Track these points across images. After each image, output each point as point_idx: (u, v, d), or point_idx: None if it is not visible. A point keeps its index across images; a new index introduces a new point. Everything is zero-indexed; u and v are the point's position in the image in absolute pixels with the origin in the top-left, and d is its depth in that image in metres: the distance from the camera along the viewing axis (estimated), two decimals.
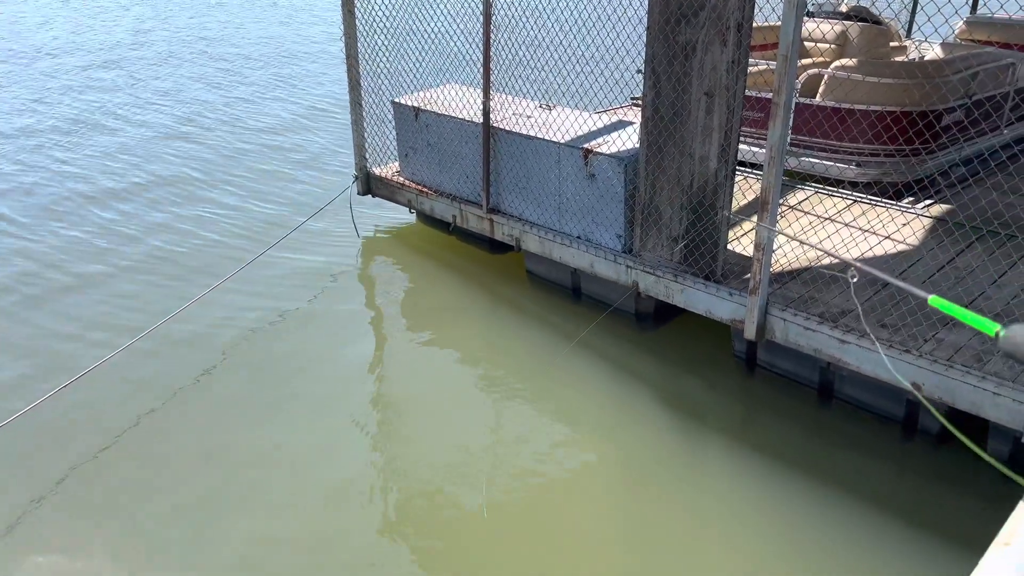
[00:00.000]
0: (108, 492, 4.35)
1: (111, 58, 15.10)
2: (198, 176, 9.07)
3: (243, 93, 12.78)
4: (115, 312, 6.14)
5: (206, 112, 11.66)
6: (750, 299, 4.93)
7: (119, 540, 4.04)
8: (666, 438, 4.77)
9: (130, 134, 10.56)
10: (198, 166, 9.39)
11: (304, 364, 5.52)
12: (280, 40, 16.85)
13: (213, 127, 10.95)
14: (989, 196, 6.24)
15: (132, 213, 8.00)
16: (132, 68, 14.37)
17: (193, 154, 9.82)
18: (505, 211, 6.49)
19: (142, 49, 15.77)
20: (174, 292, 6.38)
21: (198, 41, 16.51)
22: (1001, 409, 4.13)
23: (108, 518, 4.17)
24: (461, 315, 6.16)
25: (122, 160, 9.55)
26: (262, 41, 16.70)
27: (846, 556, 3.92)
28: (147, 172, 9.16)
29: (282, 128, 10.97)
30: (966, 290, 5.03)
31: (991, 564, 0.97)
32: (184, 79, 13.63)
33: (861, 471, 4.46)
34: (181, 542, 4.02)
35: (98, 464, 4.56)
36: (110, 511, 4.22)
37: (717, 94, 4.88)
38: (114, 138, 10.38)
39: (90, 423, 4.88)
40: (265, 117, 11.48)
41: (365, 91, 7.22)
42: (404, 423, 4.97)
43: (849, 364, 4.66)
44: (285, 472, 4.51)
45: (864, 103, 6.46)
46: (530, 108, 6.60)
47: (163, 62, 14.82)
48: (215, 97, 12.51)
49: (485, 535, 4.09)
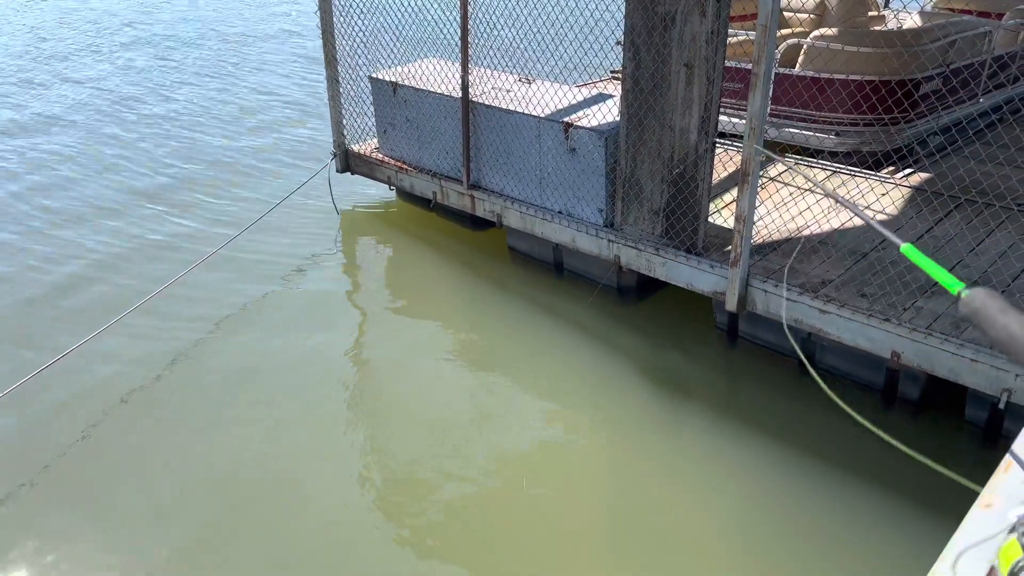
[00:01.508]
0: (91, 481, 4.32)
1: (77, 42, 14.80)
2: (170, 156, 8.94)
3: (214, 68, 12.58)
4: (96, 295, 6.07)
5: (176, 90, 11.47)
6: (731, 271, 4.95)
7: (103, 531, 4.02)
8: (649, 410, 4.80)
9: (97, 115, 10.38)
10: (169, 145, 9.25)
11: (284, 343, 5.48)
12: (252, 19, 16.59)
13: (186, 106, 10.78)
14: (967, 164, 6.28)
15: (99, 195, 7.88)
16: (99, 49, 14.09)
17: (166, 134, 9.66)
18: (486, 187, 6.45)
19: (110, 35, 15.46)
20: (150, 274, 6.30)
21: (160, 23, 16.20)
22: (979, 375, 4.19)
23: (92, 506, 4.15)
24: (443, 293, 6.14)
25: (95, 142, 9.40)
26: (236, 19, 16.42)
27: (827, 521, 3.97)
28: (116, 155, 9.02)
29: (258, 105, 10.81)
30: (944, 258, 5.07)
31: (973, 525, 0.98)
32: (152, 59, 13.40)
33: (842, 439, 4.51)
34: (154, 525, 4.01)
35: (82, 448, 4.53)
36: (98, 499, 4.20)
37: (697, 65, 4.86)
38: (77, 117, 10.21)
39: (68, 412, 4.84)
40: (240, 94, 11.31)
41: (342, 67, 7.13)
42: (387, 399, 4.96)
43: (830, 334, 4.69)
44: (264, 448, 4.49)
45: (843, 72, 6.46)
46: (509, 82, 6.54)
47: (134, 42, 14.55)
48: (187, 75, 12.30)
49: (471, 505, 4.10)
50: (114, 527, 4.00)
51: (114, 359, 5.27)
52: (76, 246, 6.82)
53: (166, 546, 3.88)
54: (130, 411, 4.82)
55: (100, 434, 4.63)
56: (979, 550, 0.92)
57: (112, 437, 4.61)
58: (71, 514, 4.08)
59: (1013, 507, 1.33)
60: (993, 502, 1.00)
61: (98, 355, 5.27)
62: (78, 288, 6.17)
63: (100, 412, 4.79)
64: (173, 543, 3.90)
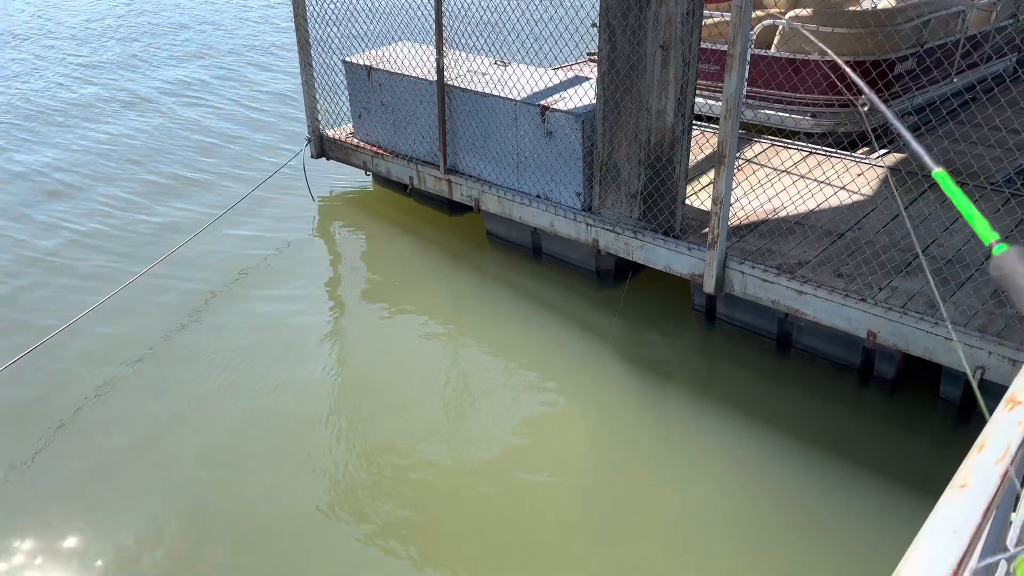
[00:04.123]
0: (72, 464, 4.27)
1: (58, 34, 14.50)
2: (140, 146, 8.79)
3: (186, 56, 12.38)
4: (57, 290, 5.97)
5: (146, 79, 11.28)
6: (708, 253, 4.96)
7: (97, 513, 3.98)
8: (629, 392, 4.81)
9: (74, 101, 10.19)
10: (141, 136, 9.10)
11: (260, 332, 5.43)
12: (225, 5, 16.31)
13: (156, 93, 10.60)
14: (941, 144, 6.32)
15: (79, 185, 7.74)
16: (64, 42, 13.82)
17: (135, 123, 9.50)
18: (463, 171, 6.40)
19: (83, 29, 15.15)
20: (126, 263, 6.21)
21: (138, 13, 15.91)
22: (952, 354, 4.23)
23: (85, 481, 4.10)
24: (421, 278, 6.11)
25: (70, 130, 9.22)
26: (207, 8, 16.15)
27: (804, 499, 4.01)
28: (89, 141, 8.86)
29: (230, 93, 10.66)
30: (920, 237, 5.11)
31: (948, 506, 0.98)
32: (119, 49, 13.15)
33: (819, 417, 4.55)
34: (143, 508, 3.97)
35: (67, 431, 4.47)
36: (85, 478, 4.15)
37: (672, 47, 4.84)
38: (60, 108, 10.01)
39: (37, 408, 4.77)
40: (212, 82, 11.14)
41: (315, 51, 7.03)
42: (364, 385, 4.94)
43: (807, 314, 4.72)
44: (245, 437, 4.46)
45: (818, 53, 6.47)
46: (485, 65, 6.48)
47: (106, 32, 14.27)
48: (157, 61, 12.09)
49: (448, 490, 4.10)
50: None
51: (85, 355, 5.19)
52: (26, 245, 6.69)
53: (143, 529, 3.84)
54: (101, 408, 4.76)
55: (80, 421, 4.57)
56: (954, 532, 0.92)
57: (92, 425, 4.55)
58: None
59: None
60: (968, 482, 1.00)
61: (68, 348, 5.19)
62: (35, 287, 6.06)
63: (79, 400, 4.73)
64: (150, 529, 3.86)
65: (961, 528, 0.92)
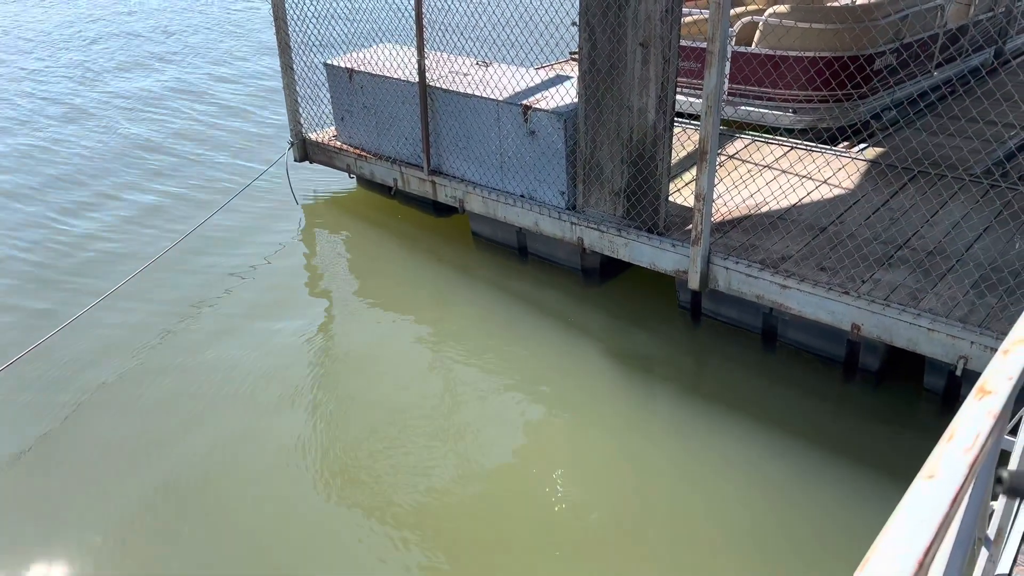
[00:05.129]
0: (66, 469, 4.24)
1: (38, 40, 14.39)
2: (122, 152, 8.74)
3: (170, 62, 12.31)
4: (45, 295, 5.93)
5: (125, 84, 11.21)
6: (692, 250, 4.97)
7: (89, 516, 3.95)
8: (616, 390, 4.82)
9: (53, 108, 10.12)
10: (121, 141, 9.05)
11: (245, 335, 5.41)
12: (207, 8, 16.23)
13: (134, 97, 10.54)
14: (920, 137, 6.37)
15: (56, 192, 7.70)
16: (54, 47, 13.72)
17: (116, 128, 9.45)
18: (447, 172, 6.40)
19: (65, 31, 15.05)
20: (106, 271, 6.17)
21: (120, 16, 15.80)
22: (935, 344, 4.27)
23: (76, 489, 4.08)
24: (407, 280, 6.10)
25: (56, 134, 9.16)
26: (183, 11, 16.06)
27: (791, 492, 4.03)
28: (72, 148, 8.80)
29: (213, 97, 10.61)
30: (900, 230, 5.15)
31: (916, 496, 0.99)
32: (102, 51, 13.07)
33: (804, 410, 4.58)
34: (142, 519, 3.95)
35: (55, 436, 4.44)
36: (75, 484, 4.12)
37: (652, 44, 4.85)
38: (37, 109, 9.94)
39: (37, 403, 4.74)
40: (199, 84, 11.09)
41: (296, 54, 7.01)
42: (350, 388, 4.93)
43: (791, 308, 4.75)
44: (234, 441, 4.44)
45: (797, 49, 6.50)
46: (467, 65, 6.48)
47: (88, 38, 14.17)
48: (138, 67, 12.03)
49: (434, 491, 4.10)
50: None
51: (72, 360, 5.16)
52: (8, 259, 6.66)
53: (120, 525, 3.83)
54: (80, 409, 4.73)
55: (71, 422, 4.54)
56: (921, 522, 0.93)
57: (78, 427, 4.52)
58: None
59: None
60: (936, 473, 1.01)
61: (55, 354, 5.15)
62: (21, 291, 6.02)
63: (66, 402, 4.70)
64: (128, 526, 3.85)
65: (928, 518, 0.93)
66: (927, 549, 0.88)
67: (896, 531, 0.90)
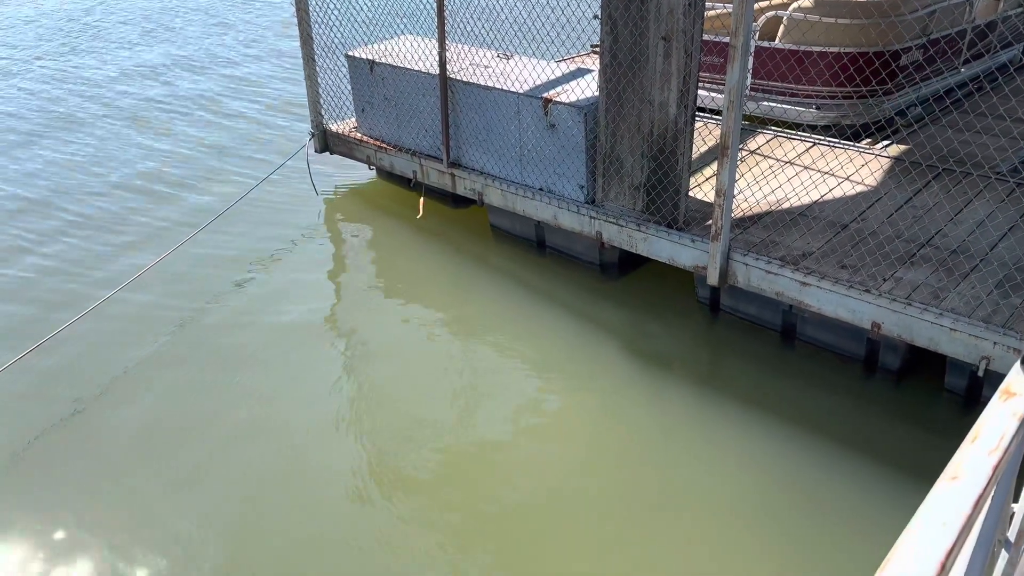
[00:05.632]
0: (85, 455, 4.30)
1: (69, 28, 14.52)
2: (144, 138, 8.82)
3: (191, 51, 12.39)
4: (78, 276, 6.00)
5: (150, 69, 11.30)
6: (712, 245, 4.95)
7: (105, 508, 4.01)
8: (633, 385, 4.81)
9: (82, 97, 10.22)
10: (143, 131, 9.13)
11: (267, 325, 5.45)
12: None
13: (158, 83, 10.62)
14: (945, 134, 6.29)
15: (79, 181, 7.78)
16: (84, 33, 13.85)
17: (139, 112, 9.53)
18: (466, 165, 6.40)
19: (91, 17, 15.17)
20: (126, 257, 6.23)
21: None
22: (957, 344, 4.22)
23: (91, 477, 4.13)
24: (426, 272, 6.11)
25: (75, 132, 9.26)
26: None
27: (809, 489, 4.01)
28: (89, 134, 8.89)
29: (236, 86, 10.67)
30: (923, 228, 5.09)
31: (939, 498, 0.98)
32: (127, 36, 13.18)
33: (823, 409, 4.55)
34: (167, 511, 4.00)
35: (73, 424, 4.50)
36: (91, 471, 4.18)
37: (675, 38, 4.82)
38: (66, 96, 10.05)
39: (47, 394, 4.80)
40: (218, 73, 11.15)
41: (318, 45, 7.03)
42: (370, 378, 4.95)
43: (811, 306, 4.71)
44: (258, 429, 4.48)
45: (822, 44, 6.43)
46: (488, 58, 6.47)
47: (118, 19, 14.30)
48: (160, 53, 12.11)
49: (455, 480, 4.11)
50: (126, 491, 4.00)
51: (95, 346, 5.23)
52: (50, 230, 6.73)
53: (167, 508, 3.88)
54: (108, 395, 4.79)
55: (100, 406, 4.60)
56: (944, 524, 0.92)
57: (104, 415, 4.59)
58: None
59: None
60: (959, 474, 1.00)
61: (81, 337, 5.22)
62: (58, 271, 6.10)
63: (95, 389, 4.76)
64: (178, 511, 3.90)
65: (951, 520, 0.92)
66: (949, 551, 0.87)
67: (918, 532, 0.89)
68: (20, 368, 4.86)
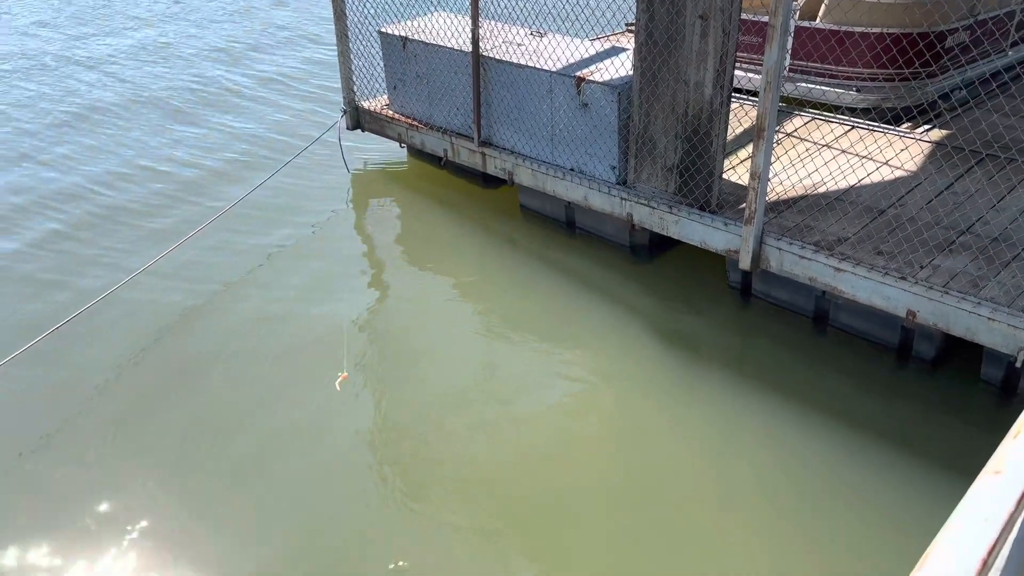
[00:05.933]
0: (111, 431, 4.39)
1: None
2: (176, 112, 8.89)
3: (229, 30, 12.44)
4: (84, 263, 6.09)
5: (182, 47, 11.37)
6: (745, 229, 4.88)
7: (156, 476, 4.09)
8: (663, 368, 4.78)
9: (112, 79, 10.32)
10: (178, 103, 9.20)
11: (296, 303, 5.49)
12: None
13: (190, 59, 10.69)
14: (989, 118, 6.12)
15: (110, 167, 7.87)
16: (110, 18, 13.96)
17: (176, 86, 9.60)
18: (497, 144, 6.36)
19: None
20: (155, 236, 6.31)
21: None
22: (995, 334, 4.13)
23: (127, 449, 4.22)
24: (455, 251, 6.11)
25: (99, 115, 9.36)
26: None
27: (840, 476, 3.96)
28: (124, 110, 8.98)
29: (269, 64, 10.71)
30: (963, 215, 4.97)
31: (981, 492, 0.95)
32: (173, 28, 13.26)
33: (855, 397, 4.48)
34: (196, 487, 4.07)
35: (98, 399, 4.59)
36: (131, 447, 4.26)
37: (712, 17, 4.73)
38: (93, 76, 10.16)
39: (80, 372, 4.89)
40: (250, 52, 11.20)
41: (351, 22, 7.01)
42: (399, 357, 4.97)
43: (845, 292, 4.64)
44: (285, 408, 4.53)
45: (864, 25, 6.28)
46: (521, 36, 6.41)
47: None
48: (198, 34, 12.18)
49: (483, 460, 4.13)
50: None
51: (127, 318, 5.31)
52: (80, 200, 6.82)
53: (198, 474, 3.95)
54: (135, 376, 4.87)
55: (123, 385, 4.68)
56: (986, 519, 0.89)
57: (127, 394, 4.67)
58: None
59: None
60: (1002, 469, 0.97)
61: (120, 307, 5.30)
62: (94, 239, 6.19)
63: (122, 362, 4.84)
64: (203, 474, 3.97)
65: (993, 515, 0.89)
66: (992, 547, 0.84)
67: (959, 527, 0.86)
68: (56, 354, 4.95)
